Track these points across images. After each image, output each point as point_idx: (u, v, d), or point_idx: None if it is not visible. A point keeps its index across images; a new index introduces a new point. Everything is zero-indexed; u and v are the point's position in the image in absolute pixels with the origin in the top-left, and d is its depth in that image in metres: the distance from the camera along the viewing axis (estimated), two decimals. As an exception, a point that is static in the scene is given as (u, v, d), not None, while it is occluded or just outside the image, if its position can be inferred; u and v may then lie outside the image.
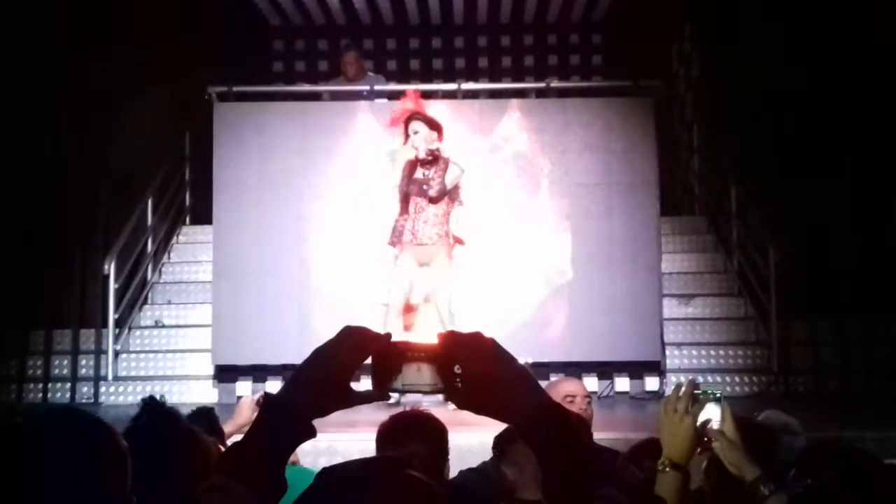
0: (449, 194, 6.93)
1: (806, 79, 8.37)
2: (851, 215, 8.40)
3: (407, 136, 6.94)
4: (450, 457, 2.96)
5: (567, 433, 1.36)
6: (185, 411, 3.80)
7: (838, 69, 8.34)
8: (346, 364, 1.38)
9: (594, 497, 1.30)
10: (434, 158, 6.90)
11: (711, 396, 2.23)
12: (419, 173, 6.93)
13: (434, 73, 10.90)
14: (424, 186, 6.88)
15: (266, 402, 1.39)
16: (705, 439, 2.23)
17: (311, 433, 1.36)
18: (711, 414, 2.23)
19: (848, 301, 7.91)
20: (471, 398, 1.38)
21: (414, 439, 2.84)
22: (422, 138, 6.87)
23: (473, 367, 1.36)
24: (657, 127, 7.86)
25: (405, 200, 6.95)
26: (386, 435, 2.91)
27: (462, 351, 1.37)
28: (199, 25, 9.40)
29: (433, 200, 6.86)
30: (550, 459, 1.35)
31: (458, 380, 1.38)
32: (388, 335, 1.40)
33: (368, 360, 1.40)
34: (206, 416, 3.71)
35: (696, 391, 2.22)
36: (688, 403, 2.18)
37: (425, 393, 1.41)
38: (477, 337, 1.39)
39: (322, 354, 1.39)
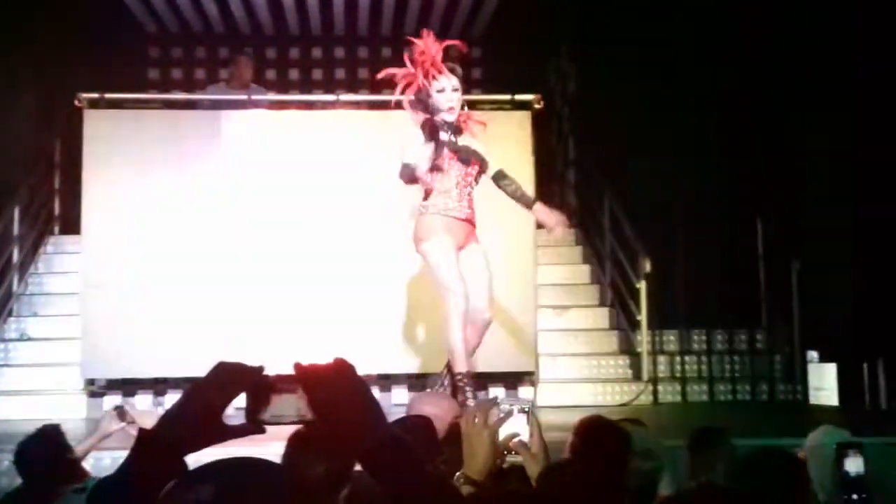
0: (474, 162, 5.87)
1: (676, 94, 8.65)
2: (719, 229, 8.72)
3: (420, 89, 5.79)
4: None
5: (407, 462, 1.42)
6: (47, 427, 3.68)
7: (705, 81, 8.65)
8: (219, 399, 1.40)
9: None
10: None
11: (518, 410, 2.24)
12: (447, 137, 5.73)
13: (314, 84, 10.87)
14: (463, 154, 5.77)
15: (138, 438, 1.40)
16: (506, 453, 2.23)
17: (183, 468, 1.37)
18: (519, 428, 2.24)
19: (714, 312, 8.23)
20: (321, 427, 1.43)
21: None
22: (458, 97, 5.80)
23: (322, 398, 1.40)
24: (534, 140, 7.96)
25: (437, 169, 5.68)
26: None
27: (312, 382, 1.40)
28: (72, 30, 9.19)
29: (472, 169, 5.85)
30: (391, 487, 1.40)
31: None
32: (261, 368, 1.43)
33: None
34: (50, 435, 3.55)
35: (502, 405, 2.23)
36: (486, 417, 2.16)
37: (291, 423, 1.45)
38: (333, 367, 1.42)
39: (196, 390, 1.41)
